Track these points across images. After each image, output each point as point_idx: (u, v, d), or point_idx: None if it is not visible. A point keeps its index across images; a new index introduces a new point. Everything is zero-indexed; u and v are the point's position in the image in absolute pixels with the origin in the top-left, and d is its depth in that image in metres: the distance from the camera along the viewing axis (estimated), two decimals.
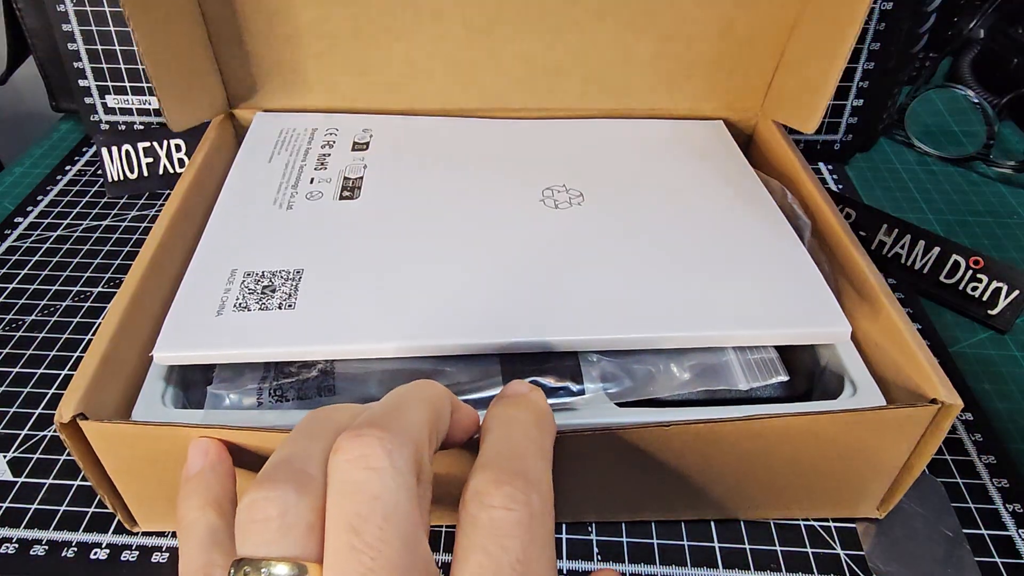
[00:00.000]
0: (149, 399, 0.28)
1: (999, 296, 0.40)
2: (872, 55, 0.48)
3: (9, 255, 0.45)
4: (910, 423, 0.26)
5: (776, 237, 0.34)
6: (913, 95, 0.54)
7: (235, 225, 0.34)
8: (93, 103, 0.52)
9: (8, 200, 0.50)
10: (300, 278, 0.30)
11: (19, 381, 0.37)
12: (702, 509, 0.30)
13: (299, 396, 0.28)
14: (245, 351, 0.28)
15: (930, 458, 0.27)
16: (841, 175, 0.52)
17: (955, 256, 0.41)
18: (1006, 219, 0.48)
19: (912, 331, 0.29)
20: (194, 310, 0.29)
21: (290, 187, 0.36)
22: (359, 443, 0.18)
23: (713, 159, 0.40)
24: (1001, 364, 0.38)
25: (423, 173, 0.38)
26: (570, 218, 0.34)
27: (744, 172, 0.39)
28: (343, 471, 0.18)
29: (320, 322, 0.28)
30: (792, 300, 0.30)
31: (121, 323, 0.29)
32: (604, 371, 0.29)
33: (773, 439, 0.27)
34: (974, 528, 0.31)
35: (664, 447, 0.27)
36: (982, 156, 0.52)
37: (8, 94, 0.70)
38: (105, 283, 0.43)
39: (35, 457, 0.33)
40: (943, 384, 0.26)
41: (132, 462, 0.26)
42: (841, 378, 0.29)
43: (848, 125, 0.52)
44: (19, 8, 0.52)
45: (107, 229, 0.47)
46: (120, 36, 0.49)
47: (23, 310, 0.41)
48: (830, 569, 0.29)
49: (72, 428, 0.25)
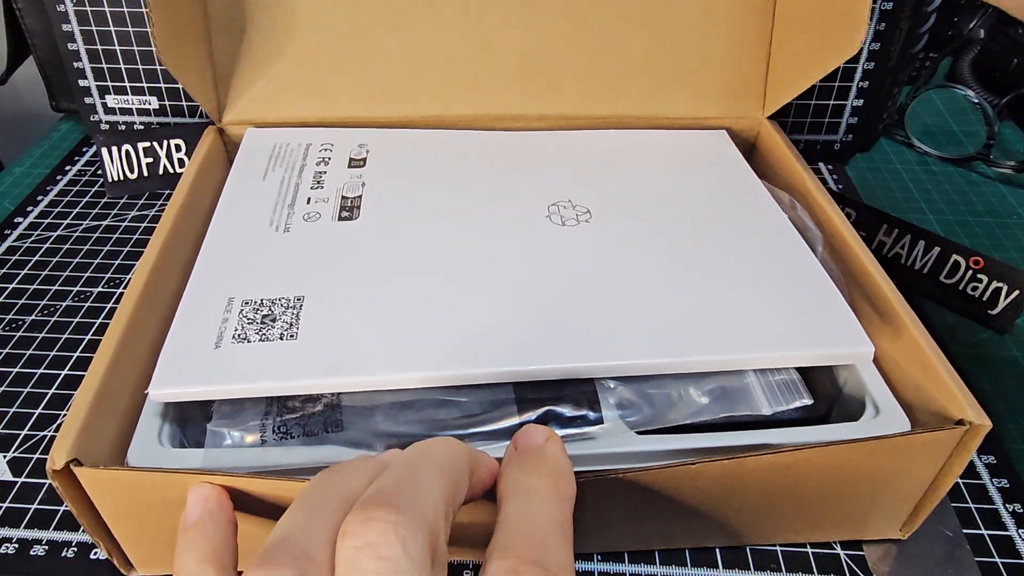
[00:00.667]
0: (145, 438, 0.26)
1: (999, 296, 0.40)
2: (872, 55, 0.48)
3: (9, 255, 0.45)
4: (937, 445, 0.26)
5: (790, 252, 0.33)
6: (913, 95, 0.54)
7: (231, 250, 0.33)
8: (93, 103, 0.52)
9: (8, 200, 0.50)
10: (301, 306, 0.29)
11: (19, 381, 0.37)
12: (722, 538, 0.29)
13: (304, 432, 0.27)
14: (246, 386, 0.26)
15: (956, 478, 0.27)
16: (841, 175, 0.52)
17: (955, 256, 0.41)
18: (1006, 219, 0.48)
19: (934, 348, 0.28)
20: (191, 343, 0.28)
21: (286, 207, 0.35)
22: (370, 529, 0.17)
23: (719, 171, 0.39)
24: (1001, 364, 0.38)
25: (423, 191, 0.37)
26: (578, 236, 0.34)
27: (752, 184, 0.38)
28: (352, 558, 0.17)
29: (324, 353, 0.27)
30: (811, 320, 0.29)
31: (114, 357, 0.27)
32: (621, 398, 0.28)
33: (800, 470, 0.26)
34: (974, 528, 0.31)
35: (689, 484, 0.26)
36: (982, 156, 0.52)
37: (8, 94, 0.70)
38: (105, 283, 0.43)
39: (35, 457, 0.33)
40: (970, 404, 0.25)
41: (129, 508, 0.25)
42: (862, 398, 0.29)
43: (848, 125, 0.52)
44: (19, 8, 0.52)
45: (107, 229, 0.47)
46: (120, 36, 0.49)
47: (23, 310, 0.41)
48: (830, 569, 0.29)
49: (66, 475, 0.24)
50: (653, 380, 0.28)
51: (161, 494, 0.24)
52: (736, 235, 0.34)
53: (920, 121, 0.56)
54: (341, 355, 0.27)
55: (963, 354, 0.39)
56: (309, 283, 0.30)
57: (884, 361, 0.30)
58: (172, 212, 0.34)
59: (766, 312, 0.30)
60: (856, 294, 0.32)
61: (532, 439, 0.22)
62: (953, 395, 0.26)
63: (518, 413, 0.27)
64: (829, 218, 0.35)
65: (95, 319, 0.41)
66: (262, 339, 0.28)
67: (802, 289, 0.31)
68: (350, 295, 0.30)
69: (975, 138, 0.55)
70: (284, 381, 0.26)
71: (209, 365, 0.27)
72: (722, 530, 0.29)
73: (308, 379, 0.26)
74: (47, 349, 0.39)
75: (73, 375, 0.37)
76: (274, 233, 0.34)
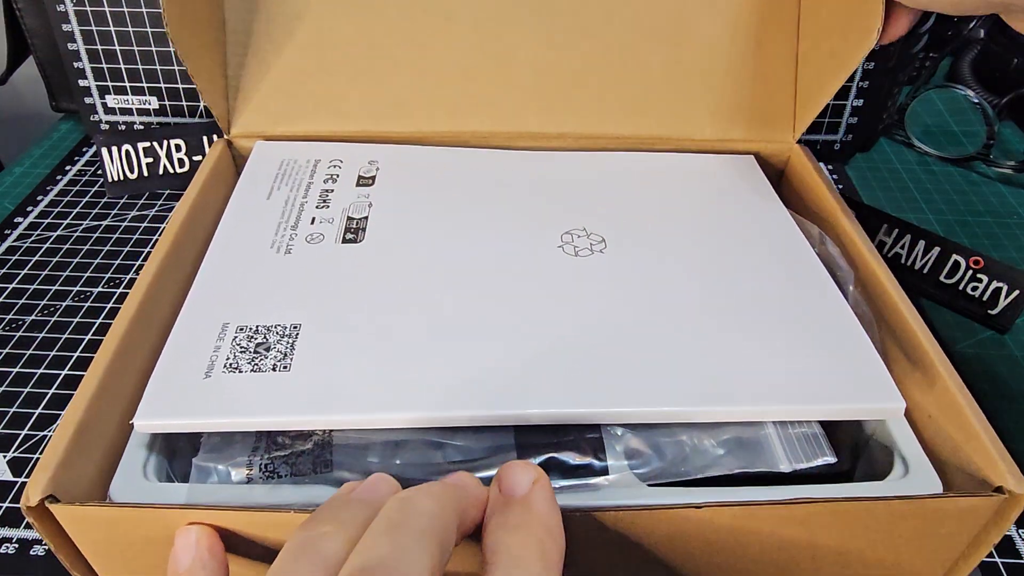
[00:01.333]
0: (130, 471, 0.25)
1: (999, 296, 0.40)
2: (872, 55, 0.48)
3: (9, 255, 0.45)
4: (972, 513, 0.23)
5: (819, 295, 0.31)
6: (913, 95, 0.54)
7: (228, 273, 0.31)
8: (93, 103, 0.52)
9: (8, 200, 0.50)
10: (297, 335, 0.28)
11: (19, 381, 0.37)
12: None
13: (293, 472, 0.26)
14: (235, 420, 0.25)
15: (990, 549, 0.24)
16: (841, 175, 0.52)
17: (955, 256, 0.41)
18: (1006, 219, 0.48)
19: (972, 404, 0.26)
20: (180, 372, 0.27)
21: (289, 228, 0.34)
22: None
23: (745, 201, 0.37)
24: (1001, 364, 0.38)
25: (432, 215, 0.35)
26: (591, 268, 0.32)
27: (780, 217, 0.36)
28: None
29: (317, 388, 0.26)
30: (838, 370, 0.27)
31: (101, 384, 0.26)
32: (628, 447, 0.26)
33: (818, 527, 0.24)
34: None
35: (694, 532, 0.24)
36: (982, 156, 0.52)
37: (8, 94, 0.70)
38: (105, 283, 0.43)
39: (35, 457, 0.33)
40: (1011, 471, 0.23)
41: (110, 545, 0.24)
42: (890, 453, 0.27)
43: (848, 125, 0.52)
44: (19, 8, 0.52)
45: (107, 229, 0.47)
46: (120, 36, 0.49)
47: (23, 310, 0.41)
48: None
49: (40, 511, 0.22)
50: (664, 428, 0.27)
51: (143, 531, 0.23)
52: (760, 274, 0.32)
53: (920, 121, 0.56)
54: (334, 391, 0.26)
55: (963, 354, 0.39)
56: (306, 311, 0.29)
57: (915, 413, 0.28)
58: (173, 229, 0.33)
59: (789, 360, 0.28)
60: (888, 339, 0.30)
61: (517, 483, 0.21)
62: (992, 460, 0.24)
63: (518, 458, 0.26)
64: (861, 253, 0.33)
65: (95, 319, 0.41)
66: (254, 369, 0.27)
67: (830, 336, 0.29)
68: (347, 326, 0.29)
69: (975, 138, 0.55)
70: (274, 416, 0.26)
71: (198, 396, 0.26)
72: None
73: (299, 415, 0.26)
74: (47, 349, 0.39)
75: (73, 375, 0.37)
76: (275, 255, 0.32)
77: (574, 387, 0.26)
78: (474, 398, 0.26)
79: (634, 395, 0.26)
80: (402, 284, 0.31)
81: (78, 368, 0.38)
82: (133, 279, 0.43)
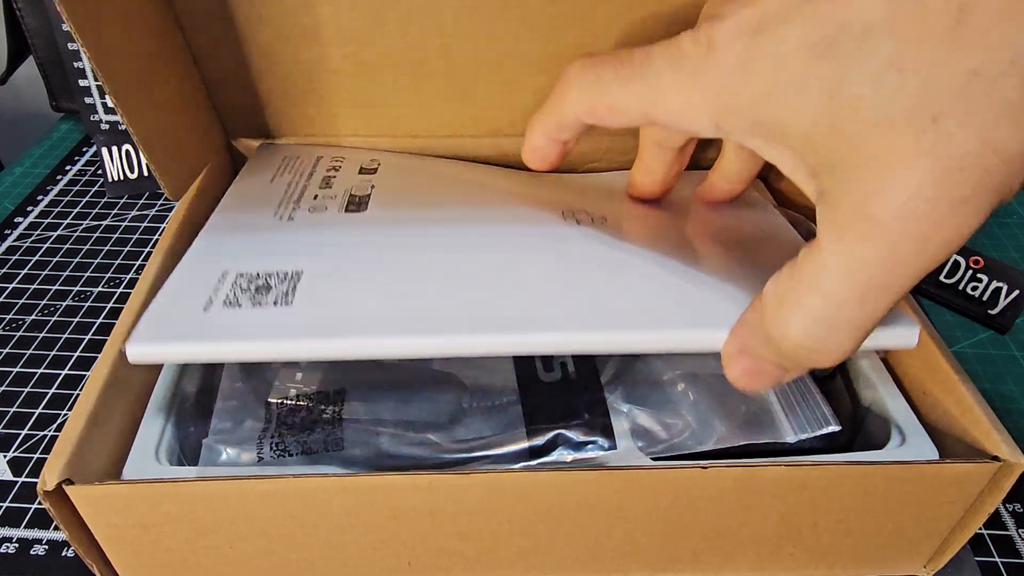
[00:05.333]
0: (142, 453, 0.25)
1: (999, 296, 0.40)
2: None
3: (9, 255, 0.45)
4: (968, 480, 0.24)
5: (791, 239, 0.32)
6: None
7: (230, 233, 0.31)
8: (93, 103, 0.52)
9: (8, 200, 0.50)
10: (299, 279, 0.28)
11: (19, 381, 0.37)
12: (737, 567, 0.28)
13: (303, 451, 0.26)
14: (235, 346, 0.25)
15: (986, 518, 0.25)
16: None
17: (955, 256, 0.41)
18: (1006, 219, 0.48)
19: (966, 380, 0.26)
20: (178, 305, 0.26)
21: (292, 202, 0.34)
22: None
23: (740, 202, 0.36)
24: (1001, 364, 0.38)
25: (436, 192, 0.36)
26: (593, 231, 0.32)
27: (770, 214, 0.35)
28: None
29: (319, 318, 0.26)
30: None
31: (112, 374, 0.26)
32: (636, 424, 0.27)
33: (819, 491, 0.25)
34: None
35: (699, 494, 0.24)
36: None
37: (8, 94, 0.70)
38: (105, 283, 0.43)
39: (35, 457, 0.33)
40: (1005, 441, 0.24)
41: (124, 528, 0.24)
42: (887, 425, 0.27)
43: None
44: (19, 8, 0.52)
45: (107, 229, 0.47)
46: None
47: (23, 310, 0.41)
48: None
49: (57, 495, 0.23)
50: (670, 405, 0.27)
51: (159, 508, 0.24)
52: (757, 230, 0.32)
53: None
54: (336, 320, 0.25)
55: (963, 354, 0.39)
56: (309, 260, 0.29)
57: (912, 391, 0.29)
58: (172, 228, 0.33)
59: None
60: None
61: None
62: (987, 431, 0.25)
63: (527, 437, 0.27)
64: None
65: (95, 319, 0.41)
66: (255, 304, 0.26)
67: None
68: (351, 271, 0.28)
69: None
70: (275, 342, 0.25)
71: (195, 325, 0.25)
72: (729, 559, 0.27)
73: (300, 340, 0.25)
74: (47, 349, 0.39)
75: (73, 375, 0.37)
76: (277, 222, 0.32)
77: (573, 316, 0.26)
78: (476, 324, 0.25)
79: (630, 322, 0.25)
80: (406, 240, 0.31)
81: (78, 368, 0.38)
82: (133, 279, 0.43)
